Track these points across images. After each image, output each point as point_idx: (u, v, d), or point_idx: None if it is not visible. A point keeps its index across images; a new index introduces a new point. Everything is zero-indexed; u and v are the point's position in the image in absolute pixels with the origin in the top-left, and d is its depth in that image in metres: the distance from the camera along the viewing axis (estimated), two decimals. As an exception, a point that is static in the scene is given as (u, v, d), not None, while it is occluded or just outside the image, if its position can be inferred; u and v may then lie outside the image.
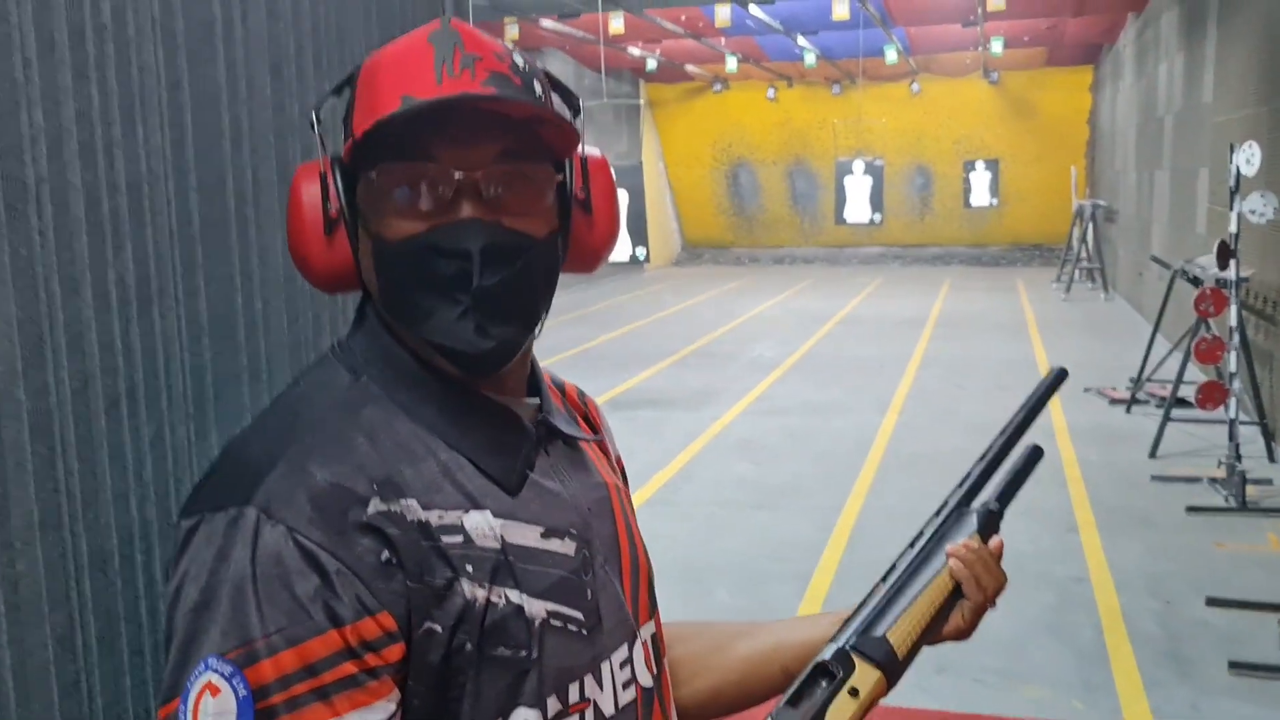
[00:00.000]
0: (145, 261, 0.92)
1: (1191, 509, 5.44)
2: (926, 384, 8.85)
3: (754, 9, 12.01)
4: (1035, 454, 1.13)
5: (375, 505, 0.81)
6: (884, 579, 1.02)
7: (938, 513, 1.07)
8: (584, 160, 0.93)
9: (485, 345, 0.85)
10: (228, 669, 0.76)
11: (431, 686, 0.83)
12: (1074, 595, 4.43)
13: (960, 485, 1.09)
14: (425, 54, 0.84)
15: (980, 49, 16.75)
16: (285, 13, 1.08)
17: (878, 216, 18.10)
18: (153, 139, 0.92)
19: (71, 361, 0.85)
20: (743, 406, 8.24)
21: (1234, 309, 5.76)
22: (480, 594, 0.83)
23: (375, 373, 0.90)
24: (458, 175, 0.83)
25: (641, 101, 20.26)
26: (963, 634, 1.03)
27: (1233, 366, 5.73)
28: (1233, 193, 5.72)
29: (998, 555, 1.05)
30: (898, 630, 0.97)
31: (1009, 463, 1.11)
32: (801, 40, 15.17)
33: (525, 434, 0.92)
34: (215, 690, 0.76)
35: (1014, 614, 4.17)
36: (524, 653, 0.86)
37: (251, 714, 0.75)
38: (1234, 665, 3.71)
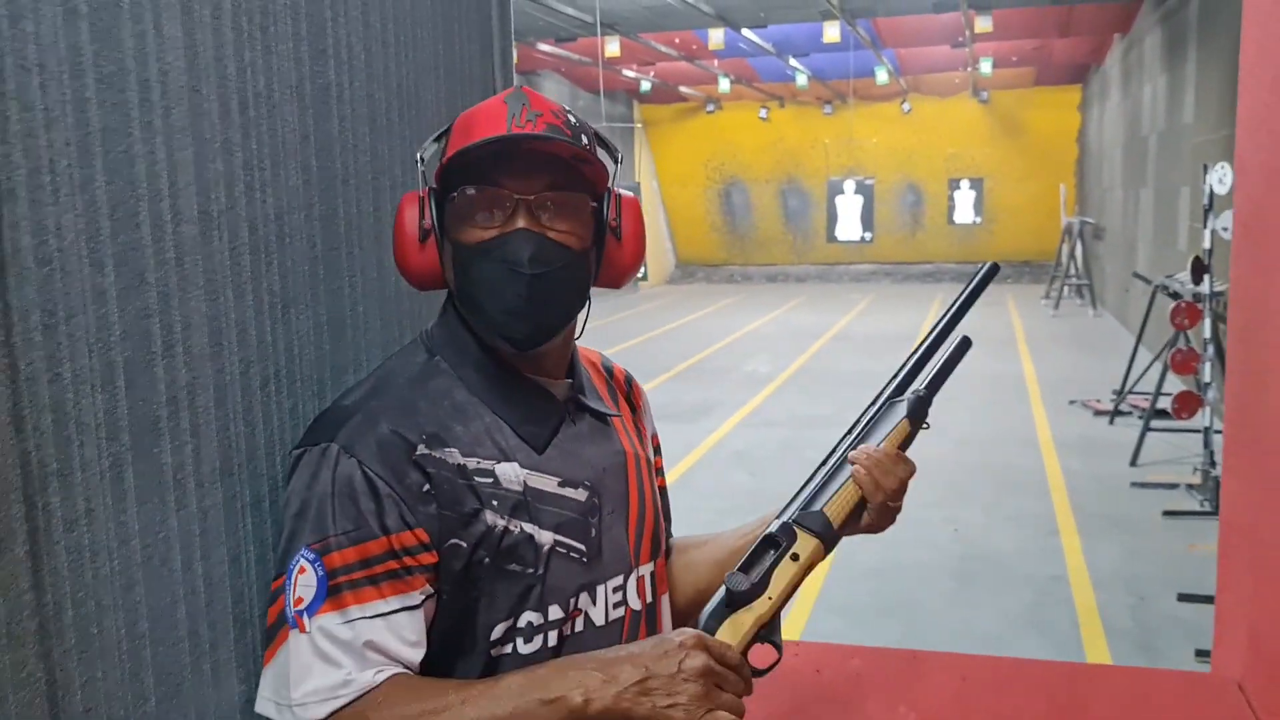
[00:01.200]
0: (286, 275, 1.18)
1: (1168, 513, 5.70)
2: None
3: (746, 32, 12.32)
4: (965, 344, 1.24)
5: (421, 450, 1.08)
6: (823, 463, 1.19)
7: (873, 402, 1.21)
8: (618, 195, 1.19)
9: (528, 326, 1.12)
10: (312, 555, 1.04)
11: (457, 585, 1.09)
12: (1052, 593, 4.68)
13: (894, 376, 1.22)
14: (501, 110, 1.11)
15: (969, 69, 17.08)
16: (379, 75, 1.35)
17: (869, 235, 18.42)
18: (291, 180, 1.18)
19: (242, 350, 1.11)
20: (738, 419, 8.49)
21: (1208, 322, 6.04)
22: (500, 523, 1.10)
23: (448, 354, 1.17)
24: (516, 197, 1.10)
25: (636, 123, 20.57)
26: (873, 529, 1.19)
27: (1207, 377, 6.01)
28: (1207, 211, 6.01)
29: (899, 454, 1.19)
30: (832, 506, 1.14)
31: (940, 353, 1.23)
32: (793, 61, 15.48)
33: (556, 407, 1.19)
34: (304, 569, 1.04)
35: (996, 609, 4.42)
36: (531, 570, 1.12)
37: (325, 588, 1.03)
38: (1200, 653, 3.96)
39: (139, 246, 0.98)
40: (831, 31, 11.79)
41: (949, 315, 1.24)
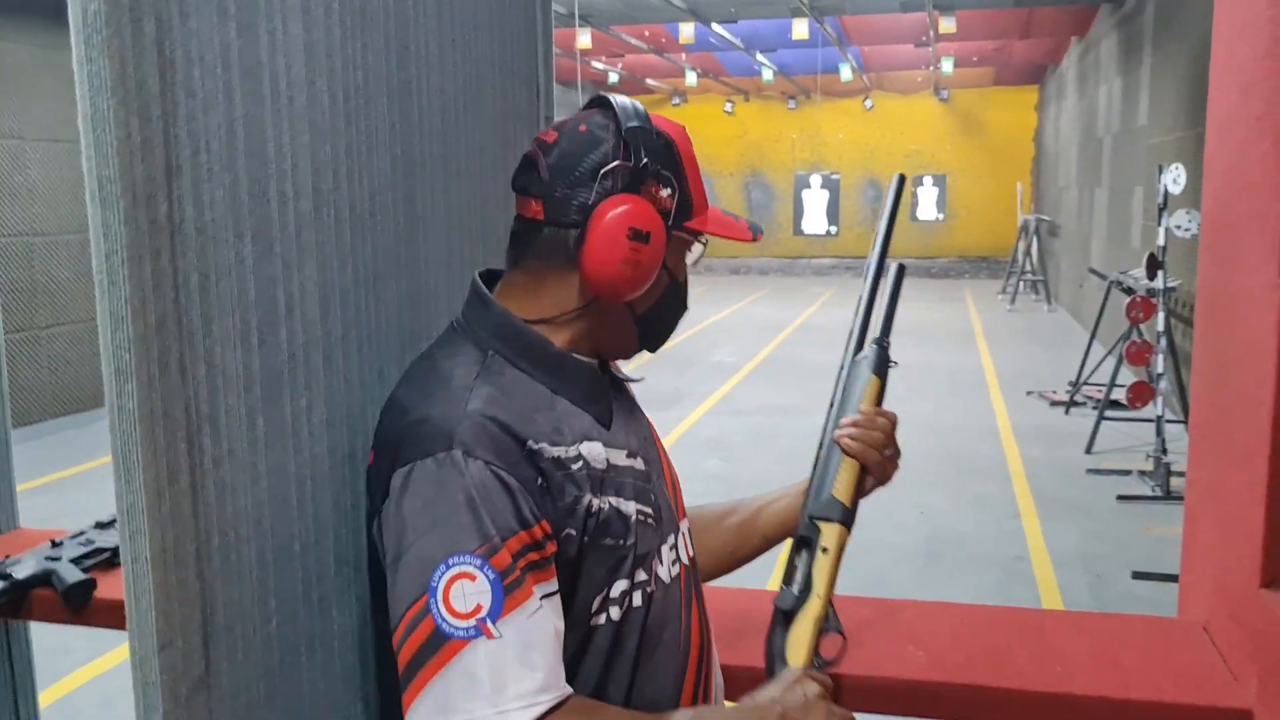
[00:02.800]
0: (377, 250, 1.31)
1: (1122, 498, 5.95)
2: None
3: (717, 27, 12.48)
4: (900, 271, 1.39)
5: (530, 445, 1.12)
6: (820, 446, 1.31)
7: (842, 367, 1.34)
8: None
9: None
10: (478, 561, 1.03)
11: (564, 569, 1.13)
12: (1016, 571, 4.90)
13: (847, 345, 1.35)
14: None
15: (932, 68, 17.36)
16: (449, 71, 1.48)
17: (834, 228, 18.65)
18: (381, 164, 1.32)
19: (343, 316, 1.24)
20: (707, 407, 8.67)
21: (1161, 315, 6.29)
22: (596, 502, 1.16)
23: (500, 347, 1.19)
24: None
25: (602, 113, 20.64)
26: (883, 480, 1.35)
27: (1160, 368, 6.26)
28: (1161, 210, 6.25)
29: (875, 410, 1.33)
30: (839, 487, 1.28)
31: (882, 293, 1.37)
32: (760, 57, 15.67)
33: (605, 383, 1.29)
34: (471, 577, 1.03)
35: (963, 586, 4.63)
36: (623, 541, 1.18)
37: (502, 588, 1.03)
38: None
39: (268, 220, 1.12)
40: (800, 28, 11.98)
41: (875, 259, 1.39)
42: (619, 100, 1.22)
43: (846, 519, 1.28)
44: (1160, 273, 6.30)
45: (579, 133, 1.20)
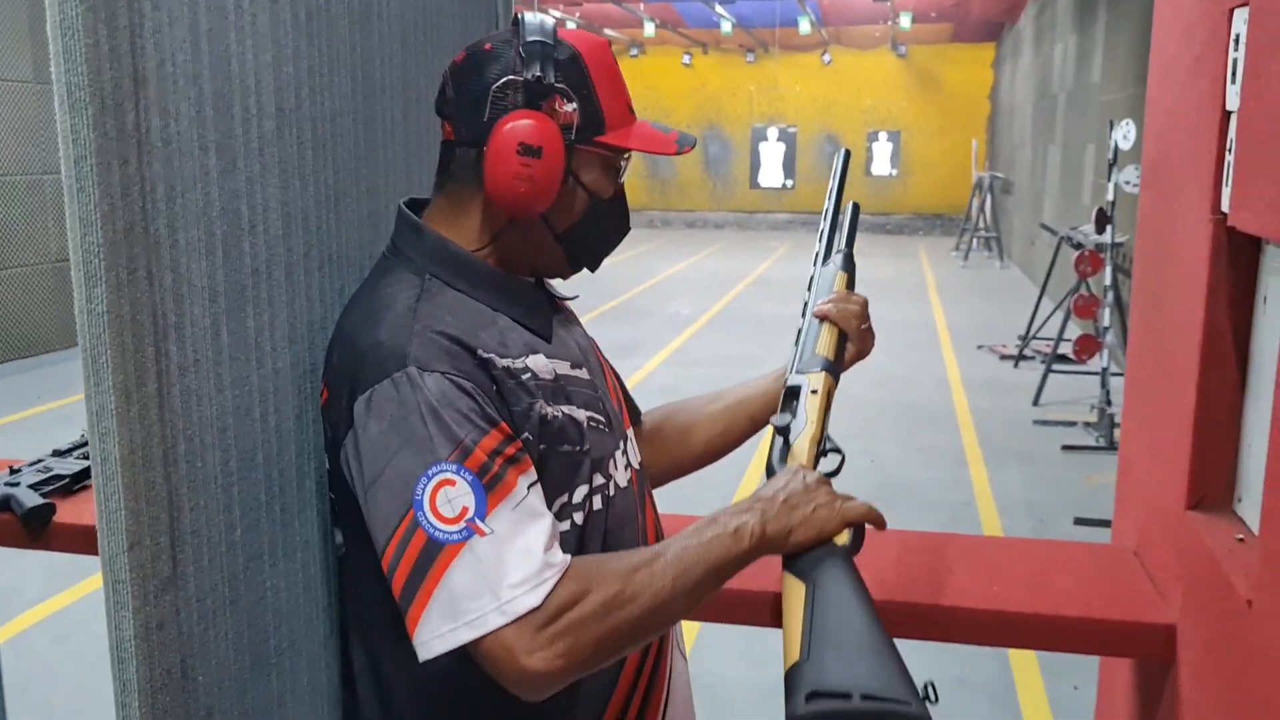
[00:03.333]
0: (338, 170, 1.33)
1: (1066, 448, 6.10)
2: (834, 339, 9.43)
3: (676, -23, 12.41)
4: (856, 208, 1.51)
5: (480, 354, 1.15)
6: (799, 333, 1.40)
7: (811, 276, 1.46)
8: None
9: (601, 261, 1.36)
10: (454, 466, 1.05)
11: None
12: (962, 516, 5.02)
13: (818, 252, 1.48)
14: (619, 67, 1.27)
15: (889, 23, 17.38)
16: (418, 46, 1.50)
17: (790, 182, 18.69)
18: (342, 87, 1.33)
19: (305, 234, 1.26)
20: (663, 358, 8.73)
21: (1109, 270, 6.42)
22: (549, 410, 1.19)
23: (437, 270, 1.22)
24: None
25: (560, 63, 20.45)
26: (862, 353, 1.46)
27: (1106, 321, 6.39)
28: (1111, 165, 6.36)
29: (849, 291, 1.44)
30: (822, 345, 1.37)
31: (841, 221, 1.50)
32: (719, 8, 15.60)
33: (543, 299, 1.33)
34: (451, 482, 1.05)
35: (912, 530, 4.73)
36: (578, 447, 1.22)
37: (481, 487, 1.05)
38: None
39: (232, 135, 1.14)
40: (759, -21, 11.93)
41: (835, 193, 1.49)
42: (528, 17, 1.23)
43: (831, 369, 1.36)
44: (1109, 227, 6.41)
45: (483, 51, 1.22)
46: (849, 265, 1.46)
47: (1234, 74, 1.39)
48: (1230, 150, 1.41)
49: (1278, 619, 1.17)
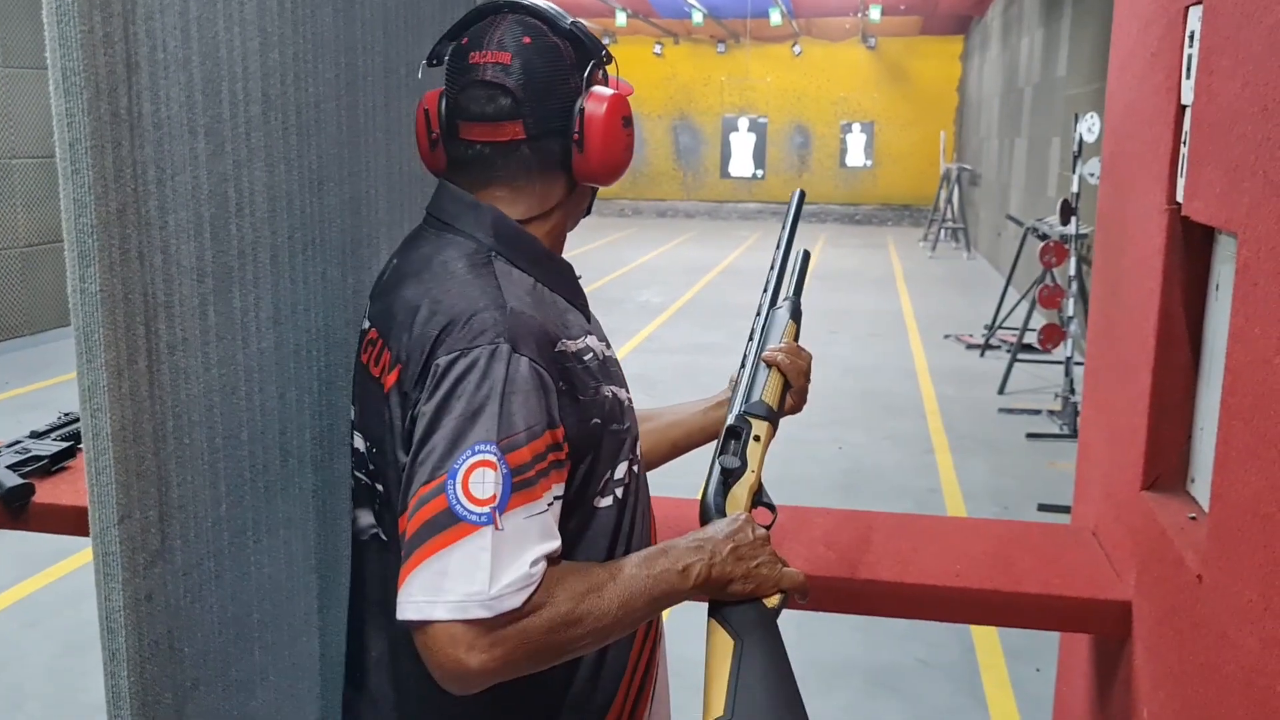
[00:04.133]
0: (321, 155, 1.36)
1: (1031, 435, 6.20)
2: (805, 330, 9.38)
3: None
4: (806, 256, 1.54)
5: (557, 347, 1.15)
6: (742, 366, 1.42)
7: (759, 313, 1.46)
8: None
9: None
10: (496, 452, 1.05)
11: (592, 457, 1.20)
12: (928, 503, 5.10)
13: (765, 292, 1.47)
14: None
15: (860, 15, 17.45)
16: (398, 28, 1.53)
17: (760, 172, 18.73)
18: (326, 74, 1.36)
19: (289, 218, 1.30)
20: (634, 345, 8.77)
21: (1073, 260, 6.52)
22: (606, 390, 1.22)
23: (501, 248, 1.21)
24: None
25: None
26: (797, 408, 1.44)
27: (1071, 311, 6.49)
28: (1076, 157, 6.45)
29: (798, 345, 1.44)
30: (768, 393, 1.39)
31: (790, 267, 1.51)
32: (690, -1, 15.61)
33: (578, 281, 1.34)
34: (491, 465, 1.04)
35: (877, 517, 4.80)
36: (625, 425, 1.26)
37: (512, 483, 1.05)
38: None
39: (221, 119, 1.16)
40: (730, -30, 11.95)
41: (785, 241, 1.51)
42: (535, 3, 1.25)
43: (773, 418, 1.38)
44: (1073, 218, 6.51)
45: (526, 44, 1.21)
46: (798, 315, 1.47)
47: (1189, 69, 1.45)
48: (1185, 142, 1.46)
49: (1226, 592, 1.23)
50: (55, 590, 4.07)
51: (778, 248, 1.50)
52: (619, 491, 1.26)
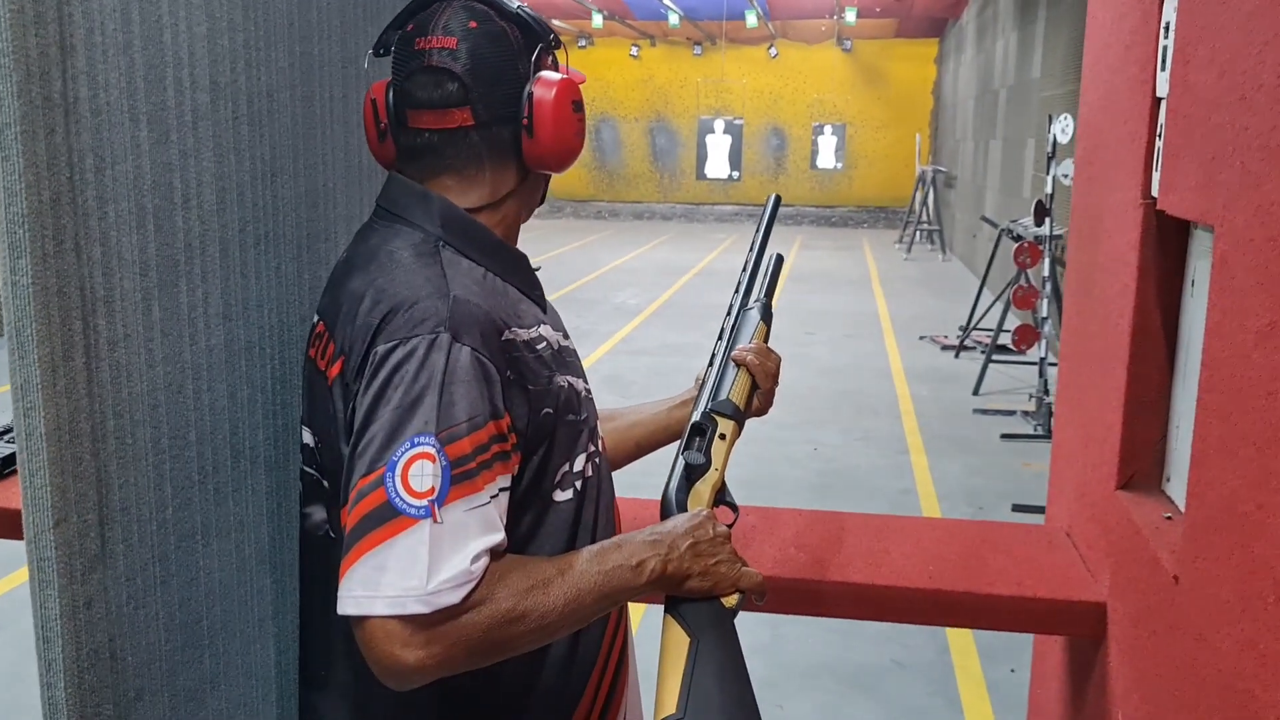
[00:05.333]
0: (275, 146, 1.31)
1: (1005, 436, 6.19)
2: (780, 331, 9.38)
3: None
4: (779, 260, 1.51)
5: (504, 335, 1.12)
6: (710, 365, 1.40)
7: (729, 314, 1.44)
8: None
9: None
10: (436, 444, 1.02)
11: (545, 447, 1.17)
12: (903, 503, 5.08)
13: (737, 293, 1.45)
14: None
15: (835, 17, 17.49)
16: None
17: (736, 174, 18.73)
18: (280, 62, 1.32)
19: (240, 210, 1.25)
20: (609, 347, 8.72)
21: (1047, 261, 6.52)
22: (560, 380, 1.19)
23: (450, 238, 1.18)
24: None
25: (506, 53, 20.32)
26: (763, 410, 1.41)
27: (1045, 312, 6.50)
28: (1050, 158, 6.46)
29: (767, 346, 1.42)
30: (735, 392, 1.36)
31: (763, 270, 1.48)
32: (667, 1, 15.59)
33: (533, 272, 1.32)
34: (430, 457, 1.02)
35: (852, 518, 4.78)
36: (582, 415, 1.24)
37: (449, 476, 1.03)
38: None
39: (165, 107, 1.12)
40: (705, -29, 11.93)
41: (758, 243, 1.48)
42: None
43: (739, 417, 1.36)
44: (1047, 219, 6.51)
45: (472, 29, 1.19)
46: (768, 317, 1.45)
47: (1164, 61, 1.42)
48: (1160, 136, 1.43)
49: (1202, 593, 1.20)
50: (17, 595, 4.00)
51: (751, 249, 1.48)
52: (578, 484, 1.24)
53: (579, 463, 1.24)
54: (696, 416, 1.35)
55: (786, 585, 1.63)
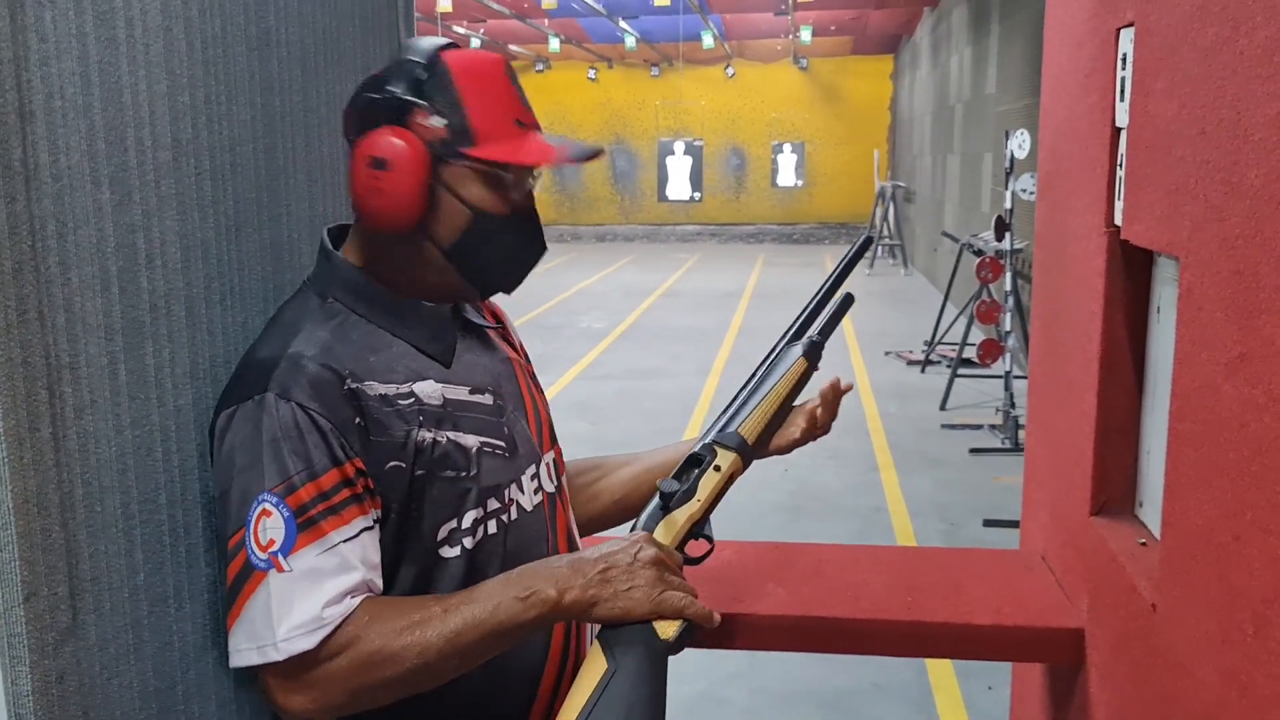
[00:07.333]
0: (238, 200, 1.30)
1: (974, 450, 6.23)
2: (744, 350, 9.51)
3: (579, -8, 12.43)
4: (848, 299, 1.44)
5: (350, 384, 1.17)
6: (735, 397, 1.39)
7: (773, 349, 1.40)
8: None
9: (518, 281, 1.33)
10: (274, 498, 1.11)
11: (403, 500, 1.20)
12: (875, 521, 5.10)
13: (790, 327, 1.42)
14: (511, 92, 1.27)
15: (791, 36, 17.63)
16: (308, 21, 1.47)
17: (697, 195, 18.81)
18: (241, 115, 1.31)
19: (205, 266, 1.23)
20: (576, 372, 8.71)
21: (1009, 275, 6.58)
22: (429, 436, 1.21)
23: (340, 294, 1.26)
24: (533, 178, 1.31)
25: (464, 79, 20.34)
26: (781, 451, 1.48)
27: (1008, 326, 6.56)
28: (1008, 174, 6.53)
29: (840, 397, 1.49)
30: (746, 427, 1.33)
31: (828, 307, 1.42)
32: (623, 23, 15.66)
33: (450, 325, 1.32)
34: (269, 513, 1.11)
35: (826, 537, 4.79)
36: (465, 473, 1.24)
37: (295, 526, 1.10)
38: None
39: (127, 168, 1.10)
40: (661, -6, 12.02)
41: (833, 277, 1.44)
42: (412, 40, 1.27)
43: (744, 452, 1.33)
44: (1007, 234, 6.58)
45: (372, 75, 1.26)
46: (812, 356, 1.39)
47: (1122, 92, 1.44)
48: (1121, 165, 1.45)
49: (1180, 621, 1.21)
50: None
51: (829, 277, 1.44)
52: (466, 542, 1.24)
53: (467, 520, 1.24)
54: (697, 446, 1.34)
55: (766, 623, 1.62)
